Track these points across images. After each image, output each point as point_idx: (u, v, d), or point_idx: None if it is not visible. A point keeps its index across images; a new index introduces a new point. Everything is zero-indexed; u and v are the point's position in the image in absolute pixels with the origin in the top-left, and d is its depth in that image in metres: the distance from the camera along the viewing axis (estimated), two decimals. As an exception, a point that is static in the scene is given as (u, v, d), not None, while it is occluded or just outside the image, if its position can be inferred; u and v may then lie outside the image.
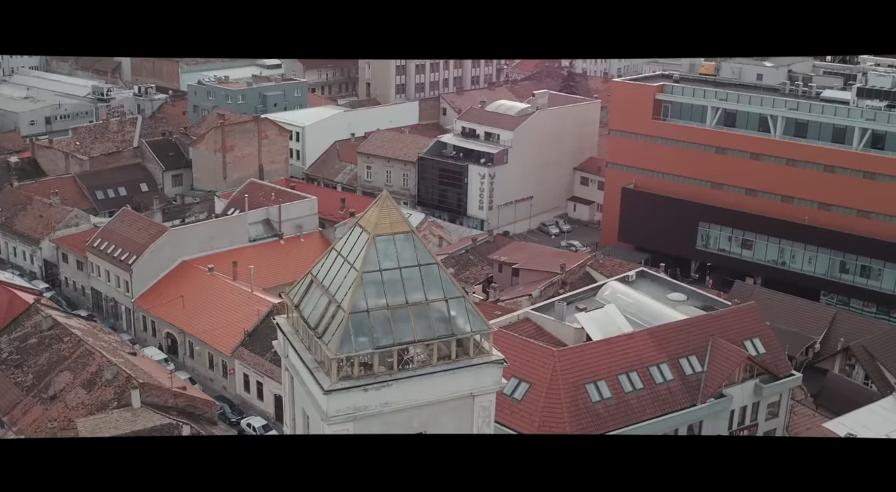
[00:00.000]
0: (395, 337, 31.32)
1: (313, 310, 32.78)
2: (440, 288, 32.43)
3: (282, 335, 34.87)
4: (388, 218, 32.53)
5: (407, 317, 31.57)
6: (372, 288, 31.52)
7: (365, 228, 32.70)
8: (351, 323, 30.80)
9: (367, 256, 31.58)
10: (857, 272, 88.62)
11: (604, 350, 57.54)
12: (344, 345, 30.55)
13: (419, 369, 31.48)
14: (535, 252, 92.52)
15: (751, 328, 62.64)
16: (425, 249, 33.08)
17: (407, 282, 31.93)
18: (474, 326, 32.67)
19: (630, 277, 71.23)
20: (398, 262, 32.15)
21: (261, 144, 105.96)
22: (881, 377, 70.67)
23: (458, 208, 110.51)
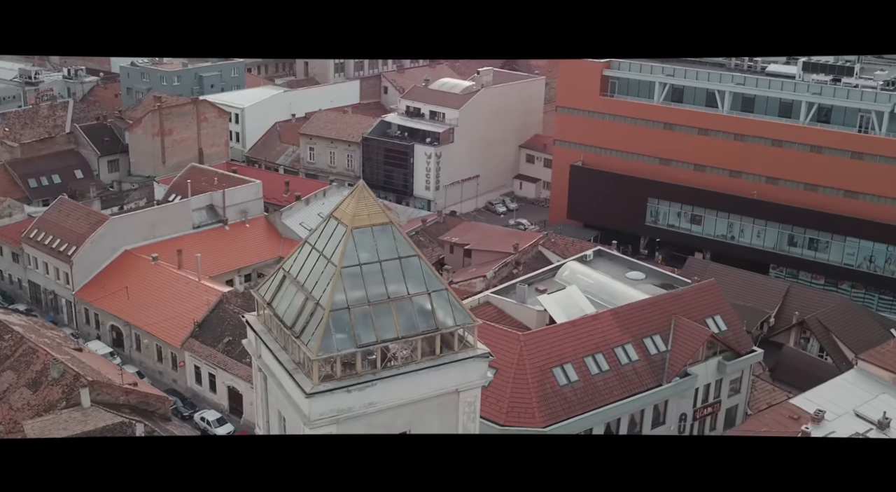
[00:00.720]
0: (378, 334, 29.81)
1: (288, 307, 31.05)
2: (422, 281, 30.97)
3: (253, 334, 33.06)
4: (366, 209, 30.90)
5: (389, 312, 30.06)
6: (351, 283, 29.92)
7: (341, 220, 31.02)
8: (331, 321, 29.18)
9: (345, 249, 29.94)
10: (805, 245, 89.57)
11: (569, 333, 56.78)
12: (325, 344, 28.94)
13: (403, 367, 30.06)
14: (486, 232, 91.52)
15: (712, 305, 62.52)
16: (405, 241, 31.57)
17: (388, 275, 30.40)
18: (458, 319, 31.32)
19: (587, 257, 70.61)
20: (378, 255, 30.59)
21: (200, 126, 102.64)
22: (836, 350, 71.43)
23: (405, 189, 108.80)
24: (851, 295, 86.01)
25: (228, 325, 68.87)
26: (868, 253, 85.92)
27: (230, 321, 69.11)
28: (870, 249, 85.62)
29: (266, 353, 31.74)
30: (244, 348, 67.87)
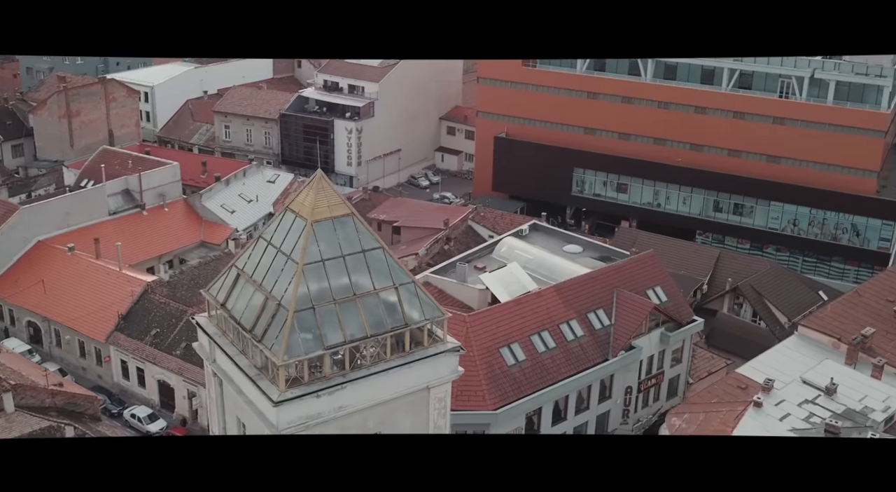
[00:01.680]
0: (346, 333, 28.04)
1: (245, 309, 28.96)
2: (388, 274, 29.26)
3: (206, 338, 30.83)
4: (326, 200, 28.94)
5: (356, 309, 28.29)
6: (315, 280, 28.01)
7: (299, 213, 28.98)
8: (296, 321, 27.25)
9: (306, 244, 27.97)
10: (730, 211, 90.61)
11: (514, 311, 55.79)
12: (291, 348, 27.03)
13: (374, 367, 28.39)
14: (413, 208, 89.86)
15: (652, 277, 62.37)
16: (368, 232, 29.75)
17: (352, 270, 28.59)
18: (427, 313, 29.75)
19: (523, 232, 69.70)
20: (341, 249, 28.73)
21: (109, 107, 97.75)
22: (769, 314, 72.42)
23: (326, 165, 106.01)
24: (776, 258, 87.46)
25: (155, 316, 65.89)
26: (792, 216, 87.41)
27: (157, 312, 66.14)
28: (793, 213, 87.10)
29: (222, 357, 29.61)
30: (173, 340, 65.38)
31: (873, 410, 49.07)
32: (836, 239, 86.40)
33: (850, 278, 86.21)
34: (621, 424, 60.43)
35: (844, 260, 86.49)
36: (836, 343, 56.55)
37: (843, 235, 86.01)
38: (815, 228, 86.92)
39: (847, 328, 57.54)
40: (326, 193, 29.11)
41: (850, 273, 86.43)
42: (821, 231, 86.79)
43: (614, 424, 60.24)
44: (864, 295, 61.71)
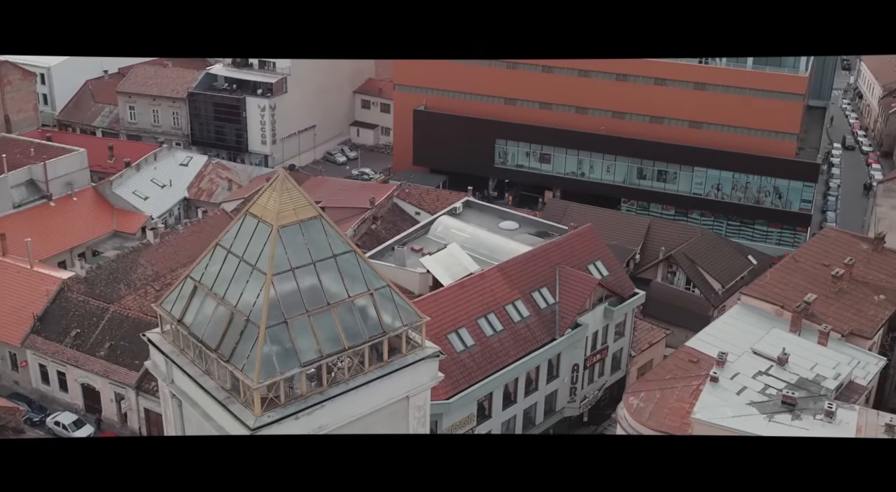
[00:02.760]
0: (322, 348, 25.80)
1: (208, 325, 26.39)
2: (361, 279, 27.08)
3: (160, 356, 28.10)
4: (291, 202, 26.50)
5: (331, 321, 26.06)
6: (285, 291, 25.63)
7: (262, 217, 26.46)
8: (268, 338, 24.88)
9: (273, 253, 25.52)
10: (654, 177, 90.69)
11: (459, 295, 54.16)
12: (265, 368, 24.67)
13: (353, 381, 26.26)
14: (336, 187, 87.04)
15: (592, 251, 61.55)
16: (337, 235, 27.46)
17: (324, 278, 26.30)
18: (405, 318, 27.72)
19: (457, 210, 68.00)
20: (310, 255, 26.39)
21: (4, 91, 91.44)
22: (703, 282, 72.62)
23: (239, 145, 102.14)
24: (701, 223, 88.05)
25: (74, 315, 62.00)
26: (715, 181, 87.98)
27: (76, 311, 62.24)
28: (717, 178, 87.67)
29: (182, 378, 27.01)
30: (96, 341, 61.57)
31: (825, 378, 49.35)
32: (759, 202, 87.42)
33: (773, 240, 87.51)
34: (569, 402, 59.71)
35: (768, 223, 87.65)
36: (780, 311, 56.80)
37: (766, 198, 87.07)
38: (738, 192, 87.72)
39: (788, 295, 57.85)
40: (291, 195, 26.65)
41: (774, 235, 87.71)
42: (744, 195, 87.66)
43: (562, 402, 59.48)
44: (800, 260, 62.22)
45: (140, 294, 67.39)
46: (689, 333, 71.83)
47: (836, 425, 44.77)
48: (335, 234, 27.23)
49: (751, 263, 76.35)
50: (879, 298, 58.32)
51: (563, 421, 60.30)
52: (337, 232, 27.46)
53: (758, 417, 45.27)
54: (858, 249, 64.31)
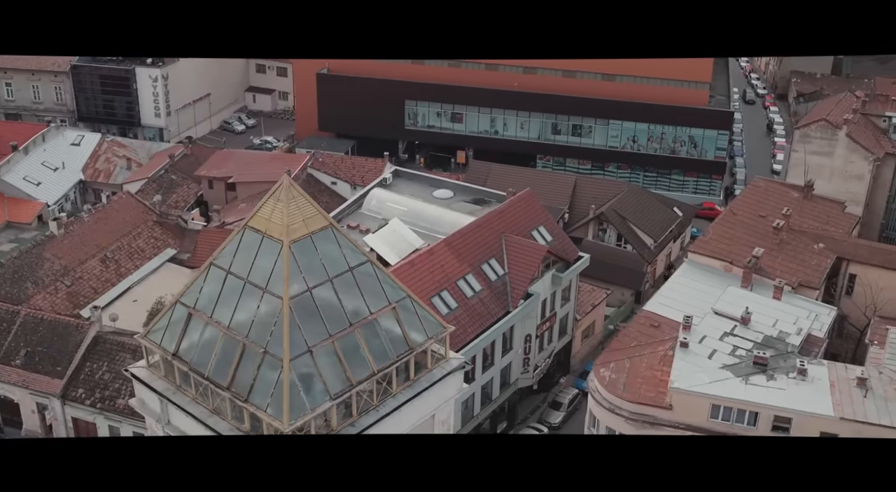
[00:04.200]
0: (351, 375, 22.91)
1: (213, 359, 23.05)
2: (381, 292, 24.19)
3: (151, 394, 24.52)
4: (300, 213, 23.27)
5: (356, 343, 23.15)
6: (305, 316, 22.54)
7: (267, 232, 23.13)
8: (294, 373, 21.83)
9: (287, 273, 22.33)
10: (569, 132, 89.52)
11: (409, 273, 51.43)
12: (294, 407, 21.63)
13: (382, 408, 23.52)
14: (244, 160, 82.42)
15: (534, 217, 59.81)
16: (350, 244, 24.37)
17: (343, 296, 23.30)
18: (429, 330, 25.02)
19: (387, 180, 64.98)
20: (326, 271, 23.28)
21: None
22: (636, 238, 72.09)
23: (131, 119, 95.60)
24: (618, 176, 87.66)
25: (-19, 323, 56.36)
26: (631, 134, 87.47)
27: (-18, 318, 56.59)
28: (632, 130, 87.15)
29: (182, 419, 23.61)
30: (10, 349, 56.16)
31: (788, 334, 49.29)
32: (675, 152, 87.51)
33: (689, 190, 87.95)
34: (522, 373, 58.28)
35: (683, 172, 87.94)
36: (728, 266, 56.55)
37: (682, 147, 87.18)
38: (654, 143, 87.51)
39: (733, 250, 57.65)
40: (299, 204, 23.37)
41: (690, 184, 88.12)
42: (660, 146, 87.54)
43: (516, 374, 58.00)
44: (738, 213, 62.15)
45: (50, 292, 62.08)
46: (626, 291, 71.67)
47: (811, 382, 44.70)
48: (348, 243, 24.17)
49: (677, 216, 76.36)
50: (819, 246, 58.81)
51: (516, 393, 58.91)
52: (349, 241, 24.41)
53: (734, 380, 44.75)
54: (790, 198, 64.78)
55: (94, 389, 54.21)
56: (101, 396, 53.83)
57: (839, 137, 74.62)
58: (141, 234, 69.76)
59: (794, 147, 77.23)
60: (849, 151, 75.19)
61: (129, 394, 53.85)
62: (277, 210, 22.96)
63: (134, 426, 53.56)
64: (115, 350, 55.39)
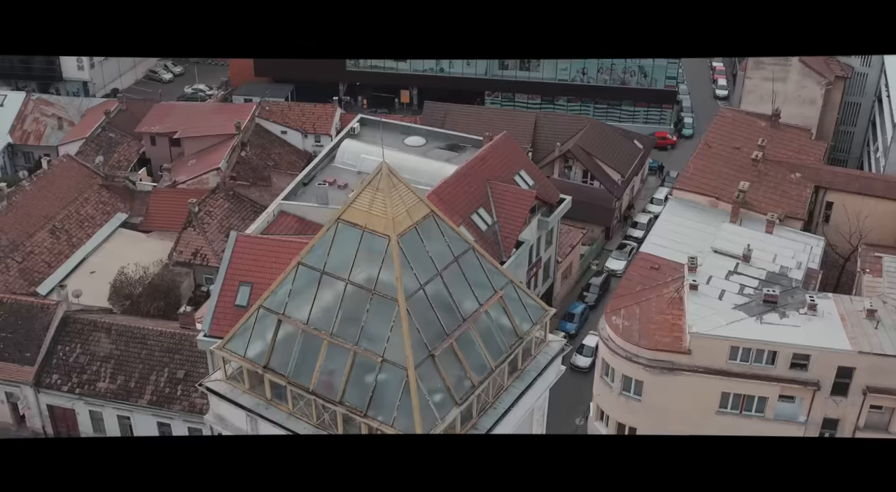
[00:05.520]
0: (473, 377, 21.09)
1: (316, 370, 20.82)
2: (486, 281, 22.26)
3: (237, 411, 22.15)
4: (402, 202, 20.98)
5: (472, 341, 21.28)
6: (421, 317, 20.50)
7: (368, 226, 20.78)
8: (420, 382, 19.89)
9: (399, 272, 20.18)
10: (517, 67, 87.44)
11: (403, 232, 49.41)
12: (426, 419, 19.75)
13: (499, 405, 21.83)
14: (186, 113, 77.97)
15: (514, 161, 58.17)
16: (453, 231, 22.25)
17: (453, 289, 21.31)
18: (533, 315, 23.28)
19: (355, 130, 62.11)
20: (435, 265, 21.20)
21: None
22: (602, 173, 71.22)
23: (51, 73, 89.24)
24: (568, 109, 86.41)
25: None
26: (580, 65, 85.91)
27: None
28: (581, 62, 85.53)
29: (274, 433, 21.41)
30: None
31: (789, 268, 49.28)
32: (625, 83, 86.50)
33: (640, 120, 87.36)
34: (513, 322, 57.17)
35: (633, 102, 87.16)
36: (714, 202, 56.17)
37: (632, 78, 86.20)
38: (603, 74, 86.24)
39: (718, 185, 57.24)
40: (401, 192, 21.02)
41: (641, 115, 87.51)
42: (610, 77, 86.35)
43: (507, 324, 56.87)
44: (713, 146, 61.61)
45: (1, 270, 57.81)
46: (595, 228, 71.07)
47: (822, 317, 44.81)
48: (450, 230, 22.05)
49: (639, 149, 75.73)
50: (796, 176, 58.88)
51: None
52: (451, 227, 22.29)
53: (749, 320, 44.52)
54: (759, 127, 64.51)
55: (70, 373, 50.92)
56: (80, 380, 50.61)
57: (792, 62, 74.60)
58: (88, 199, 65.51)
59: (747, 75, 76.98)
60: (802, 76, 75.37)
61: (109, 376, 50.84)
62: (378, 201, 20.63)
63: (118, 410, 50.70)
64: (88, 330, 52.06)
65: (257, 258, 46.89)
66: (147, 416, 50.26)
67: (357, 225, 20.90)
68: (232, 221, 64.19)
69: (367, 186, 21.00)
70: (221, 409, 22.42)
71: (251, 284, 46.24)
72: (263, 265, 46.68)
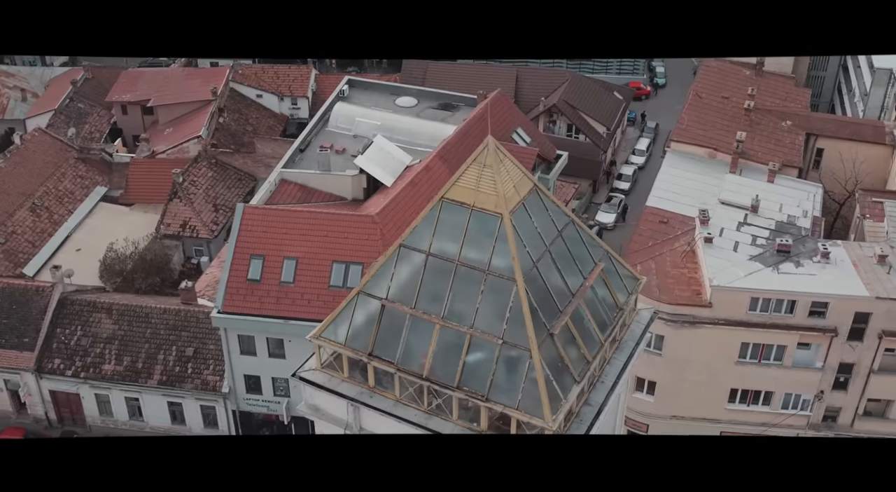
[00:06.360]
0: (587, 353, 20.70)
1: (430, 354, 20.19)
2: (587, 254, 21.76)
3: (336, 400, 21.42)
4: (510, 178, 20.27)
5: (582, 316, 20.84)
6: (538, 296, 19.96)
7: (477, 204, 20.03)
8: (545, 365, 19.41)
9: (515, 250, 19.57)
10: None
11: (412, 195, 48.71)
12: (553, 401, 19.33)
13: (606, 379, 21.54)
14: (157, 80, 75.41)
15: (511, 119, 57.56)
16: (553, 203, 21.64)
17: (561, 265, 20.79)
18: (629, 285, 22.91)
19: (344, 92, 60.68)
20: (543, 241, 20.61)
21: None
22: (588, 127, 70.91)
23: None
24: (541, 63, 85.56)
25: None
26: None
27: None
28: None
29: (384, 424, 20.81)
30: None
31: (796, 217, 49.76)
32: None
33: (613, 71, 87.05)
34: (517, 281, 57.01)
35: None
36: (712, 153, 56.33)
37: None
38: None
39: (713, 136, 57.39)
40: (507, 167, 20.28)
41: (613, 65, 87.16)
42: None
43: (511, 283, 56.69)
44: (703, 97, 61.64)
45: (-15, 252, 55.69)
46: (583, 182, 70.96)
47: (835, 264, 45.41)
48: (552, 203, 21.45)
49: (620, 100, 75.52)
50: (787, 124, 59.28)
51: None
52: (553, 200, 21.68)
53: (766, 271, 44.90)
54: (744, 76, 64.66)
55: (73, 357, 49.43)
56: (83, 364, 49.17)
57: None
58: (66, 174, 63.23)
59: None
60: (777, 20, 75.64)
61: (114, 358, 49.44)
62: (486, 178, 19.90)
63: (126, 392, 49.46)
64: (87, 311, 50.50)
65: (266, 230, 45.73)
66: (157, 396, 49.14)
67: (464, 204, 20.19)
68: (218, 190, 62.66)
69: (473, 162, 20.28)
70: (317, 399, 21.71)
71: (263, 257, 45.16)
72: (274, 237, 45.57)
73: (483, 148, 20.32)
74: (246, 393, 47.86)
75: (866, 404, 47.29)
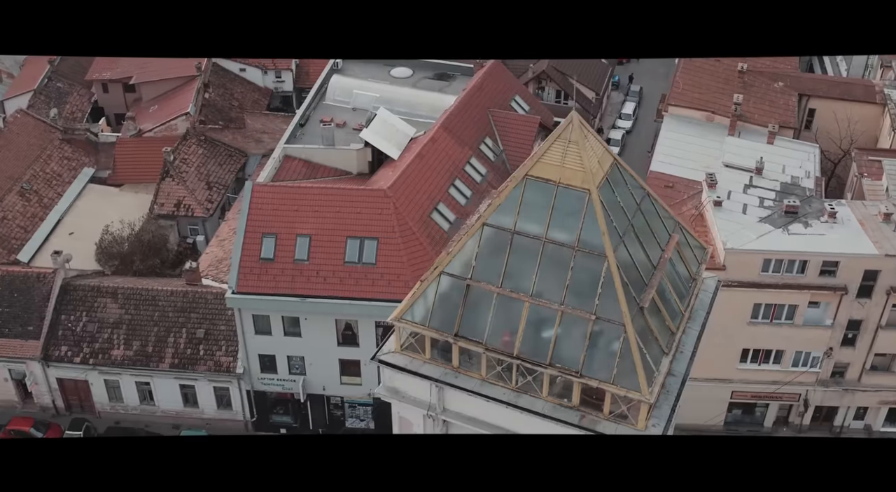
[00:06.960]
0: (671, 325, 20.82)
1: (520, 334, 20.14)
2: (662, 225, 21.83)
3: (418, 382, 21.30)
4: (593, 152, 20.15)
5: (664, 288, 20.92)
6: (627, 271, 19.96)
7: (563, 180, 19.90)
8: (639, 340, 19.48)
9: (605, 225, 19.54)
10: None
11: (420, 167, 48.49)
12: (648, 375, 19.43)
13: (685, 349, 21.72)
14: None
15: (509, 87, 57.45)
16: (632, 177, 21.58)
17: (643, 239, 20.82)
18: (698, 255, 23.04)
19: (338, 65, 59.89)
20: (627, 215, 20.59)
21: None
22: (578, 93, 70.81)
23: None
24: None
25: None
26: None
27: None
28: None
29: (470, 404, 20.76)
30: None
31: (800, 177, 50.35)
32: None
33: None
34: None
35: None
36: (710, 116, 56.64)
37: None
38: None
39: (710, 99, 57.68)
40: (591, 143, 20.12)
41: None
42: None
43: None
44: (695, 60, 61.80)
45: (-22, 240, 54.42)
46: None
47: (842, 224, 46.09)
48: (630, 176, 21.39)
49: (605, 65, 75.52)
50: (779, 85, 59.73)
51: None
52: (631, 173, 21.61)
53: (776, 232, 45.46)
54: (733, 35, 64.87)
55: (80, 343, 48.67)
56: (92, 350, 48.45)
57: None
58: (52, 156, 61.88)
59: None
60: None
61: (123, 343, 48.74)
62: (572, 153, 19.74)
63: (136, 377, 48.88)
64: (91, 296, 49.70)
65: (277, 208, 45.22)
66: (169, 379, 48.61)
67: (550, 180, 20.07)
68: (209, 168, 61.80)
69: (558, 138, 20.12)
70: (396, 382, 21.59)
71: (275, 235, 44.70)
72: (285, 215, 45.09)
73: (567, 123, 20.20)
74: (261, 373, 47.55)
75: (873, 358, 48.32)
